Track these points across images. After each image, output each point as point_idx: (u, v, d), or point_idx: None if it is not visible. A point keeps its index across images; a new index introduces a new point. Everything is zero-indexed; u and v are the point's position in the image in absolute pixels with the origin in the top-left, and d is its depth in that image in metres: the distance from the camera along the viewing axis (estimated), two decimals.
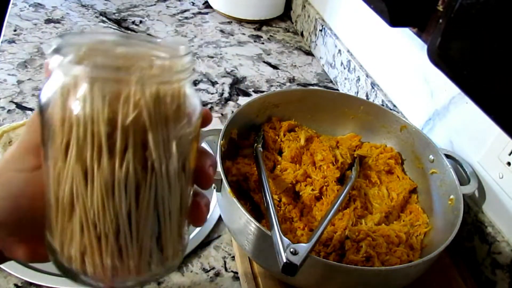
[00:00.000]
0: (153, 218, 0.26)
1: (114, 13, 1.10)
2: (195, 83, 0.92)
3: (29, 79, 0.86)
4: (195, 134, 0.28)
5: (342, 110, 0.69)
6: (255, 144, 0.62)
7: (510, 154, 0.55)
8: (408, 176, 0.65)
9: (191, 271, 0.58)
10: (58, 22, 1.03)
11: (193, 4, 1.21)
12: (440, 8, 0.26)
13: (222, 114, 0.86)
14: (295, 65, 1.03)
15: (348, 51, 0.93)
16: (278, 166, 0.61)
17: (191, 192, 0.30)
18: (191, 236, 0.61)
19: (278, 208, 0.56)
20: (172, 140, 0.26)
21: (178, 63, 0.26)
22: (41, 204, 0.27)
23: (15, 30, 0.98)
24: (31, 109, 0.79)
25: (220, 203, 0.56)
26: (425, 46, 0.26)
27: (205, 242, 0.62)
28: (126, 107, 0.24)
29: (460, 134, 0.64)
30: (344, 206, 0.57)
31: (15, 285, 0.54)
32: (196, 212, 0.30)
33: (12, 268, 0.54)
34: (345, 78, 0.93)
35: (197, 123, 0.28)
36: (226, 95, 0.91)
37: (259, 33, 1.14)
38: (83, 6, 1.11)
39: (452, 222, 0.52)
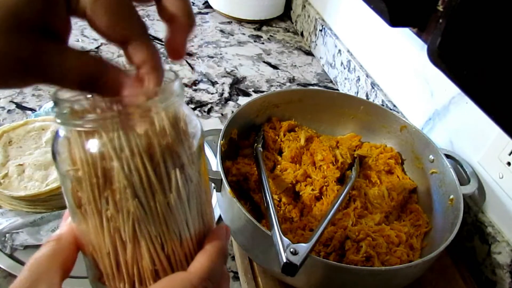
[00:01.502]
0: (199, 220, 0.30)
1: None
2: (195, 83, 0.92)
3: None
4: (202, 142, 0.30)
5: (342, 110, 0.69)
6: (255, 144, 0.62)
7: (510, 154, 0.55)
8: (408, 176, 0.65)
9: None
10: None
11: (193, 4, 1.21)
12: (440, 8, 0.26)
13: (222, 114, 0.86)
14: (295, 65, 1.03)
15: (348, 51, 0.93)
16: (278, 166, 0.61)
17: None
18: None
19: (278, 208, 0.56)
20: (194, 150, 0.29)
21: (174, 86, 0.27)
22: None
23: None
24: (31, 109, 0.79)
25: (220, 203, 0.56)
26: (425, 46, 0.26)
27: None
28: (156, 133, 0.26)
29: (460, 134, 0.64)
30: (344, 206, 0.57)
31: None
32: None
33: (12, 268, 0.54)
34: (345, 78, 0.93)
35: (201, 132, 0.30)
36: (226, 95, 0.91)
37: (259, 33, 1.14)
38: None
39: (452, 222, 0.52)
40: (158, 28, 1.08)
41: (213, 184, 0.54)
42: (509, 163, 0.55)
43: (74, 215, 0.29)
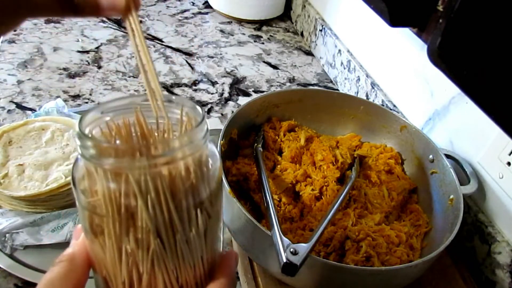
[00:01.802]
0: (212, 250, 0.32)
1: None
2: (195, 83, 0.92)
3: (29, 79, 0.86)
4: (220, 173, 0.31)
5: (342, 110, 0.69)
6: (255, 144, 0.62)
7: (510, 154, 0.55)
8: (408, 176, 0.65)
9: None
10: (58, 22, 1.03)
11: (193, 4, 1.21)
12: (440, 8, 0.26)
13: (222, 114, 0.85)
14: (295, 65, 1.03)
15: (348, 51, 0.93)
16: (278, 166, 0.61)
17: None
18: None
19: (278, 208, 0.56)
20: (214, 186, 0.29)
21: (202, 130, 0.28)
22: None
23: (15, 30, 0.97)
24: (31, 109, 0.79)
25: None
26: (425, 46, 0.26)
27: None
28: (181, 176, 0.27)
29: (460, 134, 0.64)
30: (344, 206, 0.57)
31: (15, 285, 0.54)
32: None
33: (12, 268, 0.54)
34: (345, 78, 0.93)
35: (220, 166, 0.31)
36: (226, 95, 0.91)
37: (259, 33, 1.14)
38: None
39: (452, 222, 0.52)
40: (158, 28, 1.08)
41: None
42: (509, 163, 0.55)
43: (88, 237, 0.29)
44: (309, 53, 1.08)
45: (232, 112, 0.61)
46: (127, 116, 0.29)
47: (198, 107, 0.30)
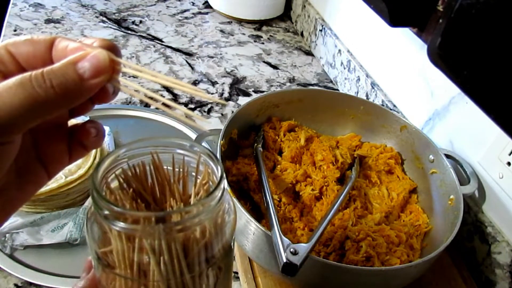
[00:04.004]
0: None
1: (114, 13, 1.10)
2: (195, 83, 0.92)
3: None
4: (234, 227, 0.30)
5: (342, 110, 0.69)
6: (255, 144, 0.62)
7: (510, 154, 0.55)
8: (408, 176, 0.65)
9: None
10: (58, 22, 1.03)
11: (193, 4, 1.21)
12: (440, 8, 0.26)
13: (222, 114, 0.85)
14: (295, 65, 1.03)
15: (348, 51, 0.93)
16: (278, 166, 0.61)
17: None
18: None
19: (278, 208, 0.56)
20: (227, 239, 0.29)
21: (220, 193, 0.27)
22: None
23: (15, 30, 0.98)
24: None
25: None
26: (425, 46, 0.26)
27: None
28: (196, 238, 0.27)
29: (460, 134, 0.64)
30: (344, 206, 0.57)
31: (15, 285, 0.54)
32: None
33: (12, 268, 0.54)
34: (345, 78, 0.93)
35: (234, 218, 0.31)
36: (226, 95, 0.91)
37: (259, 33, 1.14)
38: (83, 6, 1.11)
39: (452, 222, 0.52)
40: (158, 28, 1.08)
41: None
42: (509, 163, 0.55)
43: (98, 276, 0.29)
44: (309, 53, 1.08)
45: (232, 112, 0.61)
46: (144, 158, 0.29)
47: (216, 159, 0.29)
